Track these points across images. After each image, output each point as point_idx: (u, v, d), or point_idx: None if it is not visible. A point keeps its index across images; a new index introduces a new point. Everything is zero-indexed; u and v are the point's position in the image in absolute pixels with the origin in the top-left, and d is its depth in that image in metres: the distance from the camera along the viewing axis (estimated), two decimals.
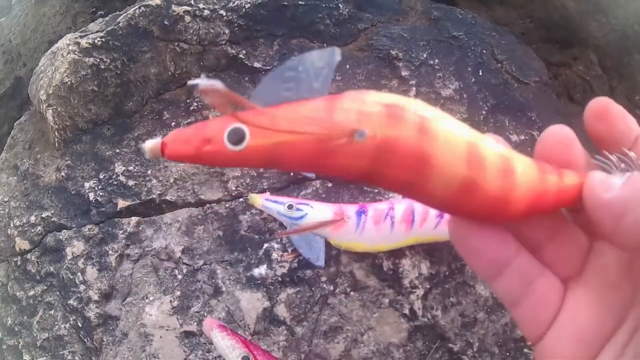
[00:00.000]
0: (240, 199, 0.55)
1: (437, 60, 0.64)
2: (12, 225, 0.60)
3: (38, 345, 0.54)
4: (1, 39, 0.83)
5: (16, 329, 0.56)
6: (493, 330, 0.52)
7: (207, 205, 0.55)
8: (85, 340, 0.52)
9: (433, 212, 0.50)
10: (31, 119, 0.67)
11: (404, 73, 0.63)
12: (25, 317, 0.56)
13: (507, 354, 0.52)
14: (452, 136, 0.21)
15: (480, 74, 0.65)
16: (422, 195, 0.21)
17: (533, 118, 0.65)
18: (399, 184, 0.21)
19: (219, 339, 0.42)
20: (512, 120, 0.64)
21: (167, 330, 0.49)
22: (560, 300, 0.24)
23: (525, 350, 0.53)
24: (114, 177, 0.58)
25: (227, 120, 0.19)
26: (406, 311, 0.50)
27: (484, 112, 0.63)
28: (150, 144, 0.20)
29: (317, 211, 0.50)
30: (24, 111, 0.83)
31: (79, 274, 0.53)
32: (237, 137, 0.19)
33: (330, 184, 0.55)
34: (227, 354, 0.41)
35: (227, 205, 0.55)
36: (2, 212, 0.61)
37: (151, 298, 0.50)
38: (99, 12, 0.77)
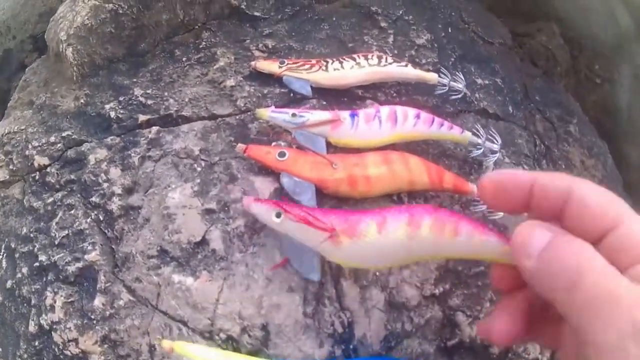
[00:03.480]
0: (249, 113, 0.66)
1: (411, 17, 0.80)
2: (30, 147, 0.68)
3: (56, 244, 0.61)
4: None
5: (32, 236, 0.63)
6: None
7: (219, 118, 0.66)
8: (106, 231, 0.60)
9: (412, 113, 0.64)
10: (44, 63, 0.78)
11: (383, 25, 0.78)
12: (42, 223, 0.63)
13: None
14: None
15: (450, 30, 0.81)
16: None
17: (496, 69, 0.81)
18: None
19: (257, 208, 0.54)
20: (478, 69, 0.79)
21: (189, 208, 0.58)
22: None
23: None
24: (133, 98, 0.68)
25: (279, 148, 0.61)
26: None
27: (452, 60, 0.78)
28: (239, 146, 0.61)
29: (316, 115, 0.63)
30: (13, 83, 0.92)
31: (102, 174, 0.63)
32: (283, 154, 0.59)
33: (325, 102, 0.68)
34: (265, 218, 0.53)
35: (237, 118, 0.66)
36: (18, 138, 0.70)
37: (173, 186, 0.60)
38: None
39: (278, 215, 0.52)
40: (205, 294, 0.55)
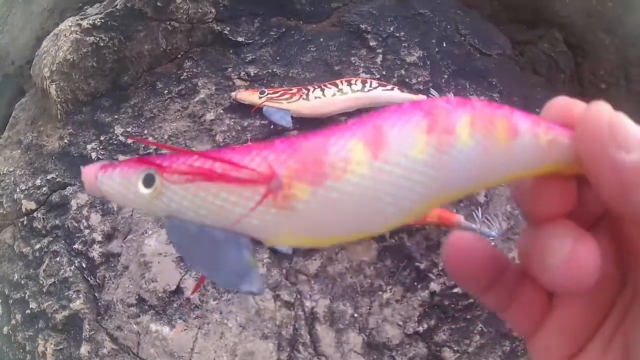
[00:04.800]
0: None
1: (402, 33, 0.77)
2: (17, 190, 0.70)
3: (44, 291, 0.63)
4: None
5: (22, 282, 0.65)
6: None
7: None
8: (89, 279, 0.62)
9: None
10: (32, 99, 0.79)
11: (372, 43, 0.75)
12: (31, 270, 0.65)
13: None
14: None
15: (444, 45, 0.78)
16: None
17: (494, 83, 0.77)
18: None
19: (109, 183, 0.24)
20: (473, 84, 0.76)
21: (164, 256, 0.59)
22: (548, 303, 0.24)
23: None
24: (114, 138, 0.69)
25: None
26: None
27: (445, 77, 0.75)
28: None
29: None
30: (12, 108, 0.93)
31: (83, 220, 0.64)
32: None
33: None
34: (124, 194, 0.23)
35: None
36: (8, 181, 0.72)
37: (150, 232, 0.61)
38: (86, 7, 0.87)
39: (148, 182, 0.23)
40: (181, 343, 0.55)
